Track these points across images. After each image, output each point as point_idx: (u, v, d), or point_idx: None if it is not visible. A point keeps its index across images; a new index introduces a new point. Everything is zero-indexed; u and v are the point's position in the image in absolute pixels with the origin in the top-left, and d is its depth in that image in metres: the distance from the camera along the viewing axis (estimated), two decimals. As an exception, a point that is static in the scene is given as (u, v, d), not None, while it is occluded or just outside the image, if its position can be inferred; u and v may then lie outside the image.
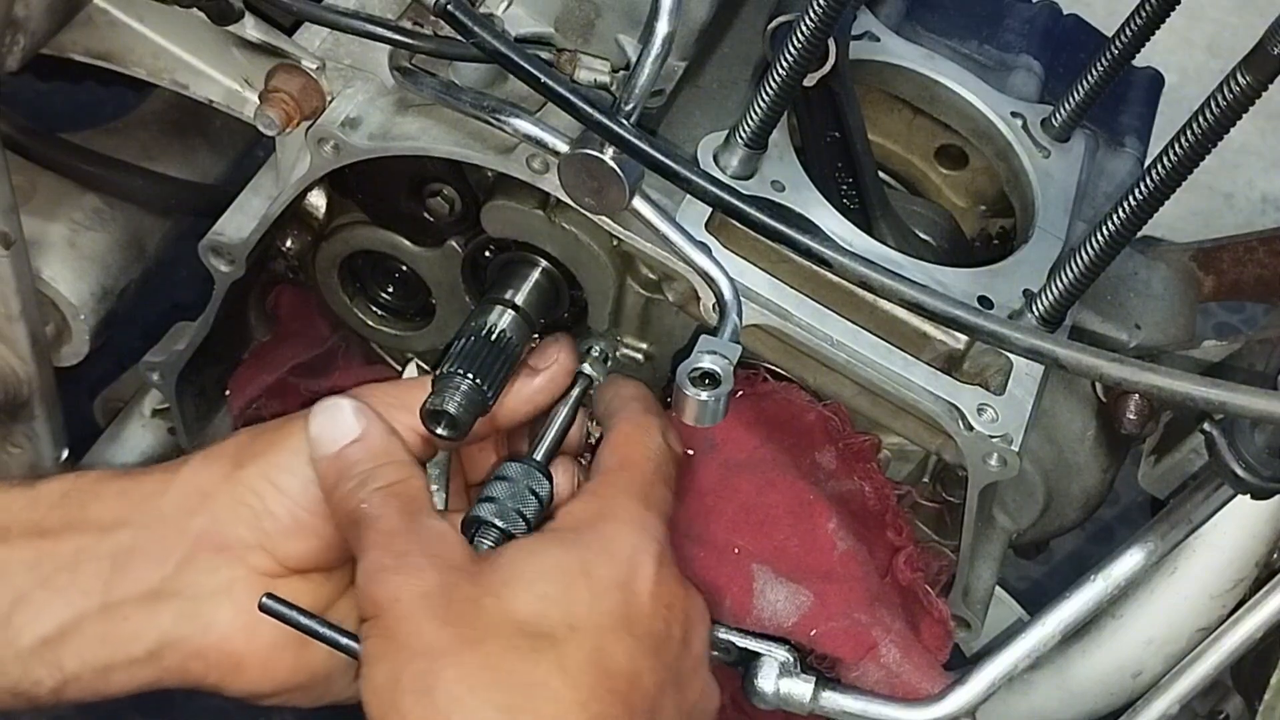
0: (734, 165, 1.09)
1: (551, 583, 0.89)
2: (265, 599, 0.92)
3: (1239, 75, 0.91)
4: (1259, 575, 1.19)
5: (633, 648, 0.88)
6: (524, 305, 1.12)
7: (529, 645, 0.85)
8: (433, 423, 1.07)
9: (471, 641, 0.85)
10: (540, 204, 1.09)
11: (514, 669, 0.84)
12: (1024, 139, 1.24)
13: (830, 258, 0.99)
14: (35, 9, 1.03)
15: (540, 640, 0.86)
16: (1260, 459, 1.02)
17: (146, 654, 0.95)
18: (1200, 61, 2.36)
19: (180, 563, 0.95)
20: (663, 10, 0.96)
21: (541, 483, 1.02)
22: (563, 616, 0.87)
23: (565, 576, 0.90)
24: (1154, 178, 0.98)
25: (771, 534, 1.10)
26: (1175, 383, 0.94)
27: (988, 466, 1.06)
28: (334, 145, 1.07)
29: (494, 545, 0.99)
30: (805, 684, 1.10)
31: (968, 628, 1.20)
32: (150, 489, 0.97)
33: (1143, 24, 1.17)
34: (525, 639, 0.86)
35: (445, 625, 0.85)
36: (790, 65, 1.03)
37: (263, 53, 1.08)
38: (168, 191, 1.30)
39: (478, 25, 0.97)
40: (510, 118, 1.02)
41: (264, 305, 1.29)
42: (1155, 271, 1.27)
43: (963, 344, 1.08)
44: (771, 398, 1.13)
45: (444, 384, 1.06)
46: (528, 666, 0.84)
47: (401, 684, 0.84)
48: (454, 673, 0.84)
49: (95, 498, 0.97)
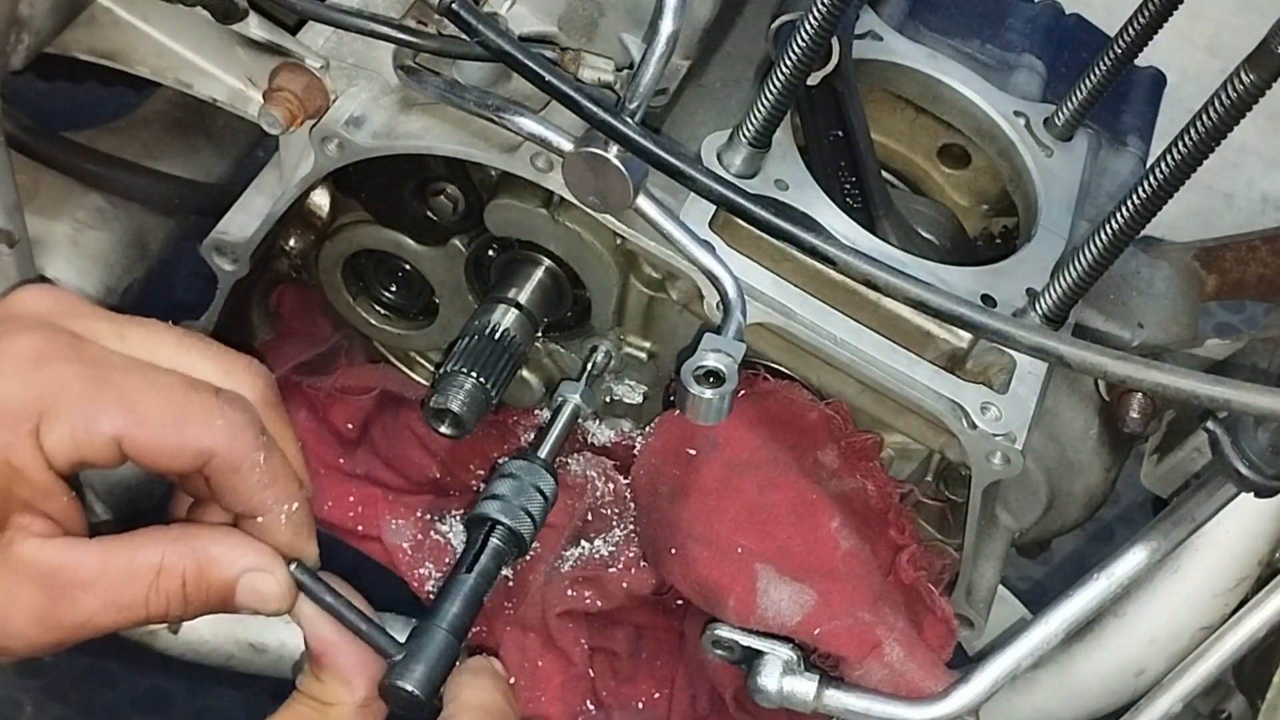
0: (737, 164, 1.09)
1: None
2: (295, 569, 0.85)
3: (1242, 74, 0.92)
4: (1262, 574, 1.20)
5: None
6: (527, 304, 1.12)
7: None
8: (437, 421, 1.07)
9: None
10: (544, 203, 1.10)
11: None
12: (1027, 138, 1.24)
13: (834, 255, 0.99)
14: (39, 8, 1.03)
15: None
16: (1263, 457, 1.02)
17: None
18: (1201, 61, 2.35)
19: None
20: (667, 9, 0.96)
21: (546, 479, 1.02)
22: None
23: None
24: (1157, 177, 0.98)
25: (774, 533, 1.10)
26: (1179, 380, 0.94)
27: (991, 465, 1.06)
28: (338, 144, 1.07)
29: (500, 542, 0.99)
30: (809, 682, 1.10)
31: (970, 626, 1.20)
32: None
33: (1145, 24, 1.17)
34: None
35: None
36: (793, 64, 1.03)
37: (267, 51, 1.08)
38: (171, 190, 1.30)
39: (482, 24, 0.97)
40: (514, 116, 1.02)
41: (267, 304, 1.29)
42: (1158, 270, 1.27)
43: (966, 342, 1.08)
44: (774, 397, 1.13)
45: (448, 382, 1.06)
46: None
47: None
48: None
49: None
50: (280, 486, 0.83)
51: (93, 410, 0.77)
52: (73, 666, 1.83)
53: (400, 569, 1.19)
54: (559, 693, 1.18)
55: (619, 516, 1.18)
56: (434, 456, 1.22)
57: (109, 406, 0.77)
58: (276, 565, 0.83)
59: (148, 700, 1.80)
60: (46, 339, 0.79)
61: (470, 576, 0.97)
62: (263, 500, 0.82)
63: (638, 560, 1.16)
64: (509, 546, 1.01)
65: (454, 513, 1.21)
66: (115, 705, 1.81)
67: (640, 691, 1.23)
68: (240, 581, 0.82)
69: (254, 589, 0.82)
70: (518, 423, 1.22)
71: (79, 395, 0.77)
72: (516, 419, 1.22)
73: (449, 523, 1.21)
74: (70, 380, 0.77)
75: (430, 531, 1.21)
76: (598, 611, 1.16)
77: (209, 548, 0.81)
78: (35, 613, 0.78)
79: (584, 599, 1.15)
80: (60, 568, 0.78)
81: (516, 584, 1.16)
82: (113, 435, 0.77)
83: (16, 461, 0.76)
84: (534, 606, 1.16)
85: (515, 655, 1.17)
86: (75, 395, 0.77)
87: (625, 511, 1.18)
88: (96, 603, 0.78)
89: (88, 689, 1.82)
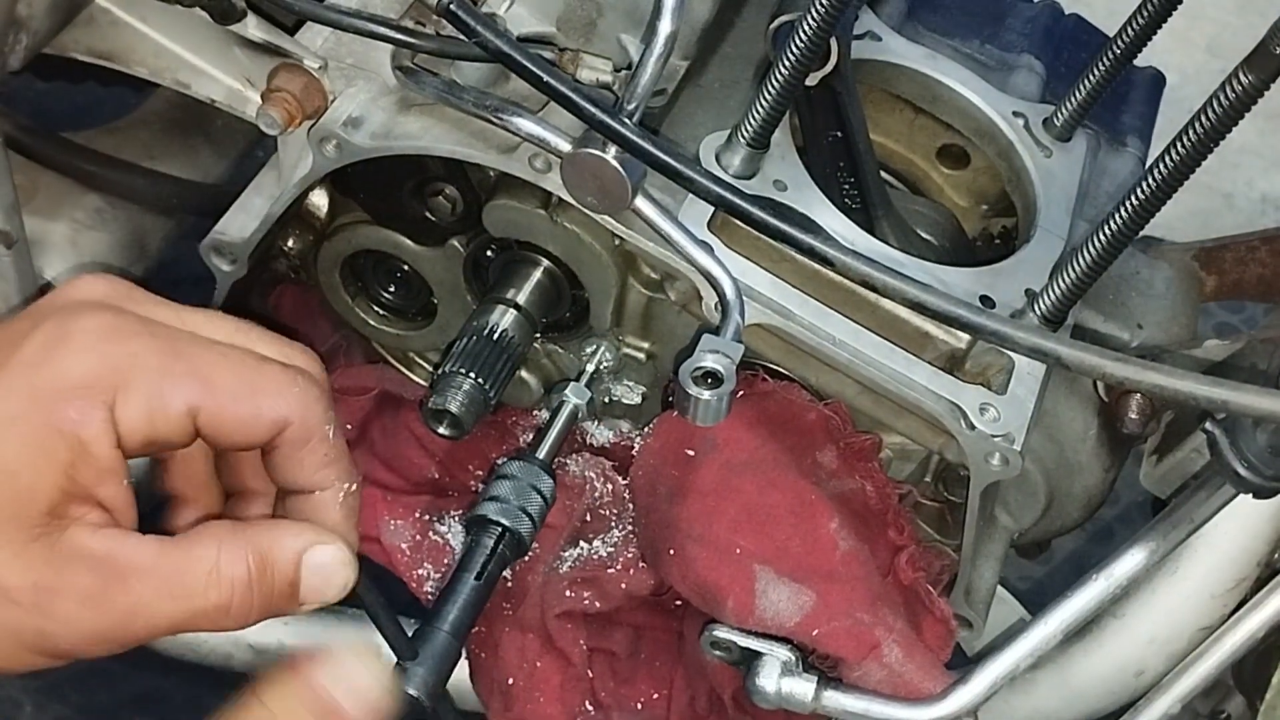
0: (736, 165, 1.09)
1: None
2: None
3: (1241, 75, 0.92)
4: (1260, 574, 1.19)
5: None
6: (526, 304, 1.12)
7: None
8: (435, 422, 1.07)
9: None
10: (542, 203, 1.09)
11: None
12: (1026, 138, 1.24)
13: (833, 257, 0.99)
14: (37, 8, 1.03)
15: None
16: (1262, 458, 1.02)
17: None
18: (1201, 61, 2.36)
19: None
20: (665, 9, 0.96)
21: (545, 481, 1.02)
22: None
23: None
24: (1156, 177, 0.98)
25: (773, 534, 1.10)
26: (1178, 381, 0.94)
27: (990, 466, 1.06)
28: (336, 144, 1.07)
29: (499, 543, 0.99)
30: (807, 683, 1.10)
31: (969, 627, 1.20)
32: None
33: (1144, 24, 1.17)
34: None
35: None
36: (792, 65, 1.03)
37: (265, 52, 1.08)
38: (169, 191, 1.30)
39: (480, 24, 0.97)
40: (512, 117, 1.02)
41: (266, 305, 1.29)
42: (1157, 271, 1.27)
43: (965, 343, 1.08)
44: (772, 397, 1.13)
45: (446, 383, 1.06)
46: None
47: None
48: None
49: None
50: (342, 466, 0.82)
51: (168, 383, 0.76)
52: (72, 666, 1.82)
53: (399, 570, 1.19)
54: (558, 693, 1.18)
55: (618, 517, 1.17)
56: (433, 457, 1.22)
57: (184, 378, 0.76)
58: (335, 539, 0.80)
59: (147, 700, 1.80)
60: (116, 316, 0.77)
61: (470, 578, 0.97)
62: (325, 476, 0.81)
63: (636, 561, 1.16)
64: (508, 548, 1.01)
65: (453, 513, 1.21)
66: (115, 705, 1.81)
67: (639, 692, 1.23)
68: (304, 560, 0.79)
69: (320, 564, 0.79)
70: (516, 423, 1.22)
71: (154, 369, 0.76)
72: (515, 419, 1.22)
73: (448, 523, 1.21)
74: (144, 354, 0.76)
75: (429, 532, 1.20)
76: (596, 612, 1.16)
77: (266, 531, 0.79)
78: (86, 596, 0.75)
79: (583, 600, 1.15)
80: (114, 552, 0.76)
81: (515, 585, 1.16)
82: (188, 407, 0.76)
83: (86, 436, 0.74)
84: (533, 607, 1.16)
85: (514, 656, 1.17)
86: (150, 369, 0.76)
87: (624, 512, 1.18)
88: (151, 589, 0.75)
89: (87, 689, 1.82)
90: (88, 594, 0.75)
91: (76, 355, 0.75)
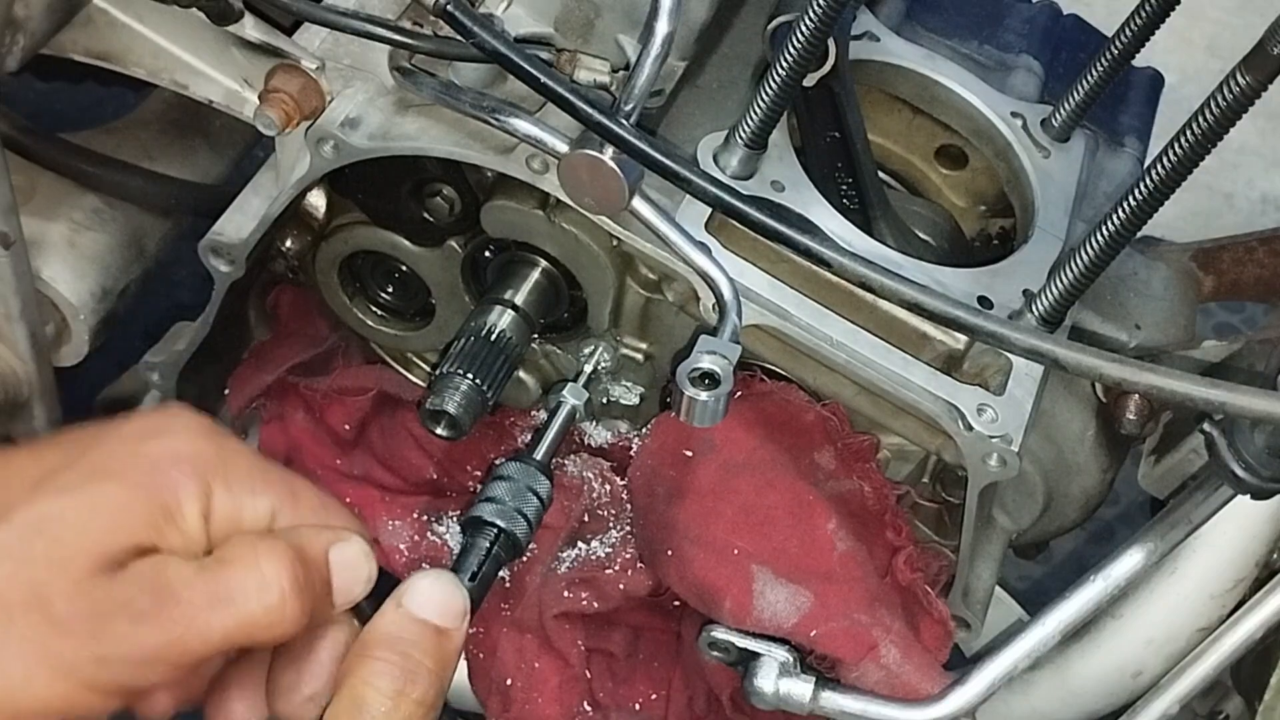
0: (734, 165, 1.09)
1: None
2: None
3: (1239, 75, 0.92)
4: (1259, 575, 1.19)
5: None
6: (524, 305, 1.12)
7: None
8: (433, 423, 1.07)
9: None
10: (540, 204, 1.09)
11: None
12: (1024, 139, 1.24)
13: (830, 258, 0.99)
14: (35, 9, 1.03)
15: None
16: (1260, 459, 1.02)
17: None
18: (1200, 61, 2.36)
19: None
20: (662, 10, 0.96)
21: (541, 482, 1.02)
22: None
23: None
24: (1154, 178, 0.98)
25: (771, 535, 1.10)
26: (1175, 383, 0.94)
27: (987, 466, 1.06)
28: (334, 145, 1.07)
29: (497, 544, 0.99)
30: (805, 684, 1.10)
31: (967, 628, 1.20)
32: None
33: (1143, 24, 1.17)
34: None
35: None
36: (790, 65, 1.03)
37: (262, 53, 1.08)
38: (167, 191, 1.30)
39: (477, 25, 0.97)
40: (510, 118, 1.02)
41: (264, 305, 1.29)
42: (1155, 272, 1.27)
43: (962, 344, 1.08)
44: (770, 398, 1.13)
45: (444, 384, 1.06)
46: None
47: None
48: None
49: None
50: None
51: (260, 484, 0.82)
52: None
53: (396, 570, 1.19)
54: (556, 694, 1.18)
55: (616, 518, 1.18)
56: (431, 458, 1.22)
57: (275, 485, 0.82)
58: (353, 534, 0.84)
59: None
60: (211, 422, 0.83)
61: (464, 580, 0.97)
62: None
63: (634, 561, 1.16)
64: (503, 549, 1.01)
65: (451, 514, 1.21)
66: (115, 705, 1.80)
67: (637, 693, 1.23)
68: (331, 557, 0.82)
69: (346, 560, 0.82)
70: (514, 424, 1.22)
71: (249, 468, 0.82)
72: (513, 420, 1.22)
73: (446, 524, 1.21)
74: (243, 455, 0.83)
75: (427, 532, 1.21)
76: (594, 613, 1.16)
77: (293, 534, 0.82)
78: (138, 613, 0.76)
79: (581, 600, 1.15)
80: (162, 572, 0.77)
81: (513, 585, 1.16)
82: (272, 511, 0.81)
83: (183, 502, 0.79)
84: (531, 608, 1.16)
85: (512, 656, 1.17)
86: (246, 467, 0.82)
87: (622, 513, 1.18)
88: (201, 600, 0.77)
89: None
90: (139, 610, 0.76)
91: (183, 436, 0.81)
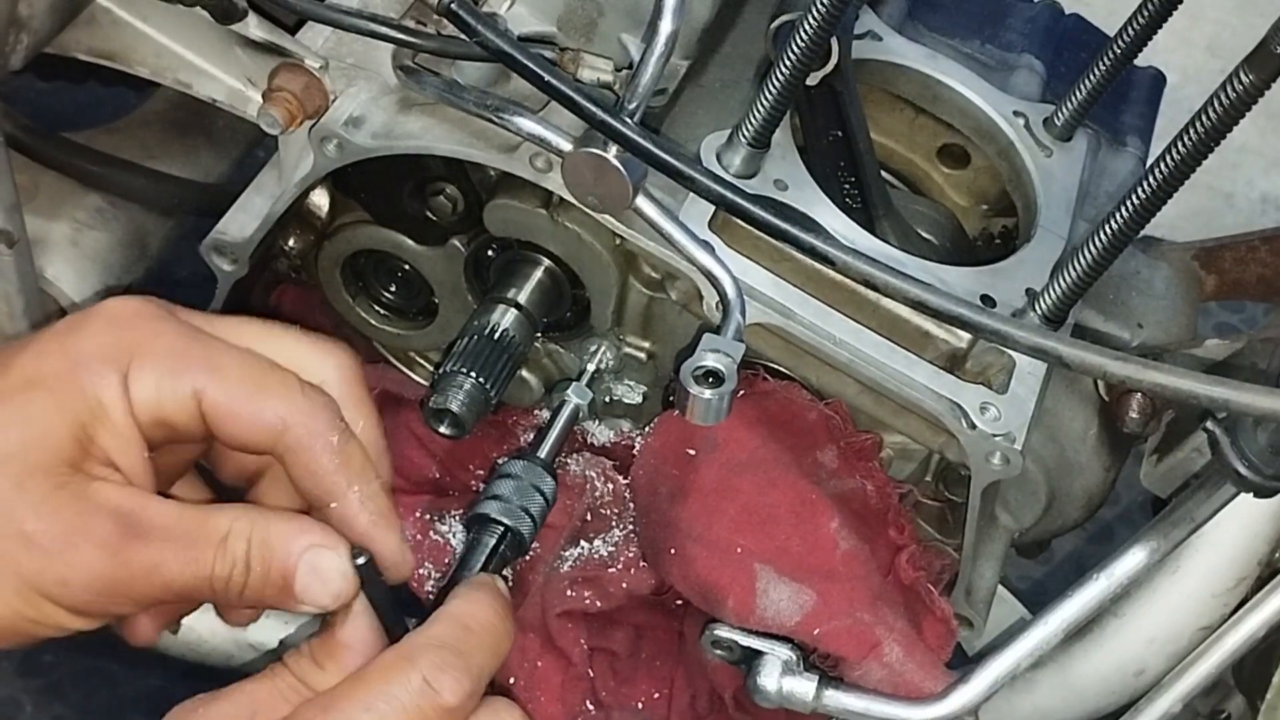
0: (737, 164, 1.09)
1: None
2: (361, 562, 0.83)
3: (1241, 74, 0.92)
4: (1261, 574, 1.20)
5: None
6: (527, 304, 1.12)
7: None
8: (436, 421, 1.07)
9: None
10: (543, 203, 1.10)
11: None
12: (1026, 138, 1.24)
13: (833, 256, 0.99)
14: (38, 8, 1.03)
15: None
16: (1263, 457, 1.02)
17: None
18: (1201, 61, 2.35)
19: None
20: (666, 9, 0.96)
21: (547, 480, 1.02)
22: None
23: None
24: (1156, 177, 0.98)
25: (774, 533, 1.10)
26: (1179, 381, 0.94)
27: (990, 465, 1.06)
28: (337, 144, 1.07)
29: (500, 543, 0.99)
30: (808, 682, 1.10)
31: (970, 627, 1.20)
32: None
33: (1144, 24, 1.17)
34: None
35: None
36: (793, 64, 1.03)
37: (266, 52, 1.08)
38: (170, 191, 1.30)
39: (481, 24, 0.97)
40: (513, 116, 1.02)
41: (266, 304, 1.29)
42: (1157, 271, 1.27)
43: (965, 342, 1.08)
44: (773, 397, 1.13)
45: (447, 382, 1.06)
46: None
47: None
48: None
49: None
50: (353, 470, 0.84)
51: (179, 364, 0.81)
52: (73, 666, 1.83)
53: (399, 569, 1.19)
54: (558, 693, 1.18)
55: (618, 517, 1.17)
56: (433, 456, 1.22)
57: (195, 363, 0.81)
58: (341, 546, 0.81)
59: (148, 700, 1.80)
60: (143, 305, 0.83)
61: (469, 577, 0.97)
62: (335, 484, 0.83)
63: (637, 560, 1.16)
64: (509, 547, 1.01)
65: (453, 513, 1.21)
66: (115, 705, 1.81)
67: (640, 692, 1.23)
68: (302, 560, 0.81)
69: (314, 566, 0.81)
70: (517, 423, 1.22)
71: (168, 350, 0.81)
72: (516, 419, 1.22)
73: (448, 523, 1.20)
74: (162, 336, 0.82)
75: (430, 532, 1.20)
76: (597, 612, 1.16)
77: (275, 521, 0.81)
78: (105, 543, 0.77)
79: (583, 599, 1.15)
80: (136, 508, 0.79)
81: (516, 584, 1.16)
82: (194, 391, 0.81)
83: (104, 399, 0.79)
84: (533, 607, 1.16)
85: (514, 655, 1.17)
86: (164, 350, 0.81)
87: (625, 512, 1.18)
88: (168, 548, 0.78)
89: (88, 689, 1.82)
90: (107, 542, 0.78)
91: (100, 328, 0.81)
